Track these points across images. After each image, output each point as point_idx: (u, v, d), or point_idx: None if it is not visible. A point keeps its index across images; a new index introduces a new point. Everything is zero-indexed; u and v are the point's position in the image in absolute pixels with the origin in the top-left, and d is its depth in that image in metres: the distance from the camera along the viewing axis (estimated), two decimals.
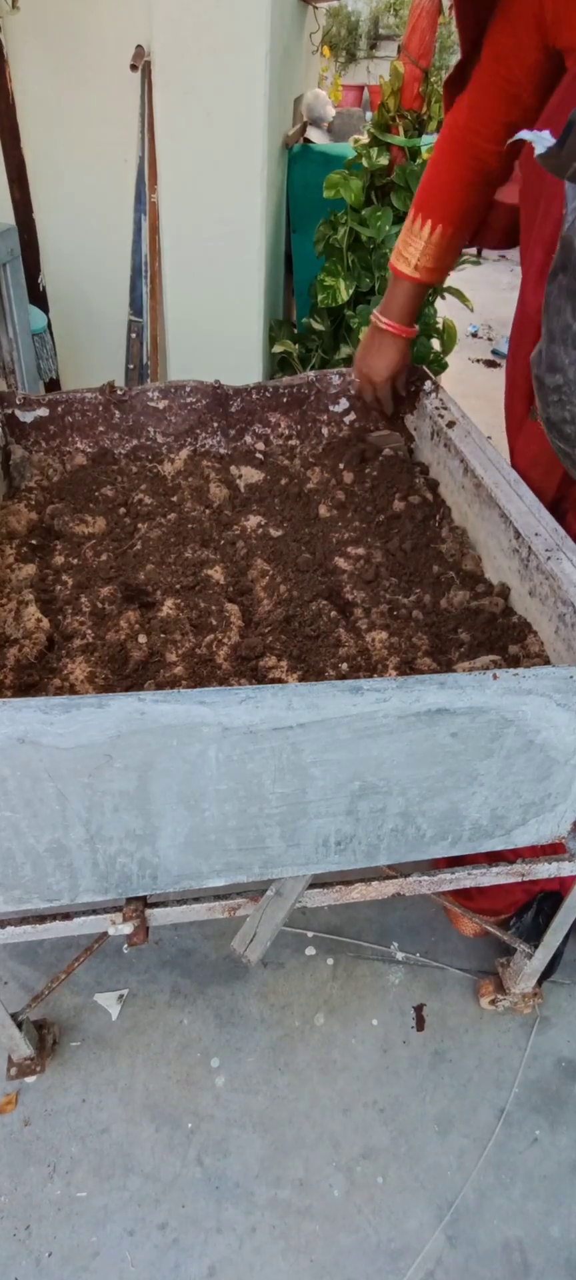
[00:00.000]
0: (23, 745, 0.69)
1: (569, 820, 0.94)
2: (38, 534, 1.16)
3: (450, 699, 0.75)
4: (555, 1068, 1.33)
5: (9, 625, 0.96)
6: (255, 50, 2.11)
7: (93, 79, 2.25)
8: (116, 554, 1.13)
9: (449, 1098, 1.28)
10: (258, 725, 0.73)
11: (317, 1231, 1.12)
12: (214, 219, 2.35)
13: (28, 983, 1.39)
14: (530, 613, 1.02)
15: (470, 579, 1.13)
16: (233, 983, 1.41)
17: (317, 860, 0.89)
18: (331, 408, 1.43)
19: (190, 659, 0.93)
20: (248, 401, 1.38)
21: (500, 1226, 1.14)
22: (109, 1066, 1.28)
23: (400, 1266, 1.10)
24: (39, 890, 0.84)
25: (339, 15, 7.09)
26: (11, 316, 2.11)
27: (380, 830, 0.87)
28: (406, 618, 1.04)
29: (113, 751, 0.72)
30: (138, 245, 2.45)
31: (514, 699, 0.77)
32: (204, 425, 1.38)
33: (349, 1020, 1.37)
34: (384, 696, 0.73)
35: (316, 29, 3.38)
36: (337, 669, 0.93)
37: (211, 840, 0.83)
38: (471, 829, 0.91)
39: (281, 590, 1.06)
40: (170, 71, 2.17)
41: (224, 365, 2.07)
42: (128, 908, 0.95)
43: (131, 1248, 1.09)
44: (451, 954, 1.48)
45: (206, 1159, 1.19)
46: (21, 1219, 1.11)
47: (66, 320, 2.62)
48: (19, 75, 2.25)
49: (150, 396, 1.34)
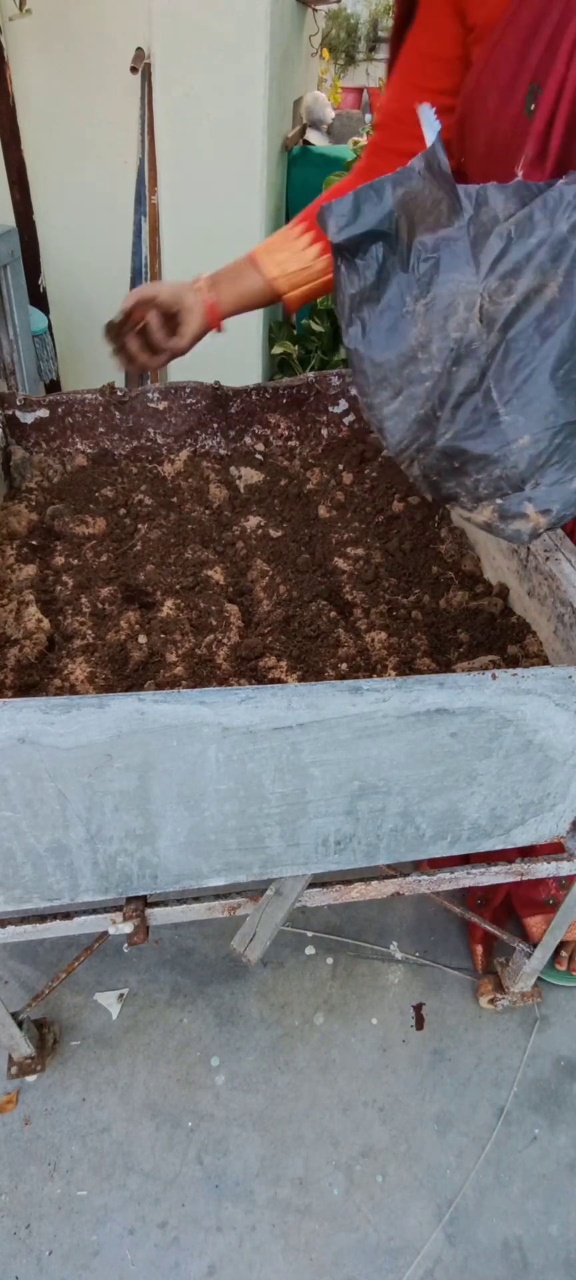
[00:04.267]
0: (23, 745, 0.70)
1: (567, 820, 0.94)
2: (38, 534, 1.16)
3: (449, 699, 0.76)
4: (554, 1067, 1.33)
5: (9, 625, 0.96)
6: (255, 53, 2.11)
7: (93, 81, 2.26)
8: (116, 554, 1.13)
9: (448, 1096, 1.28)
10: (257, 725, 0.73)
11: (317, 1230, 1.13)
12: (214, 221, 2.36)
13: (28, 982, 1.39)
14: (529, 613, 1.03)
15: (469, 579, 1.13)
16: (232, 982, 1.41)
17: (317, 860, 0.90)
18: (331, 409, 1.43)
19: (190, 659, 0.93)
20: (247, 402, 1.39)
21: (499, 1225, 1.14)
22: (109, 1065, 1.28)
23: (399, 1265, 1.10)
24: (39, 890, 0.84)
25: (338, 18, 7.08)
26: (12, 318, 2.11)
27: (379, 830, 0.88)
28: (405, 618, 1.04)
29: (113, 751, 0.72)
30: (138, 247, 2.46)
31: (512, 699, 0.77)
32: (204, 426, 1.38)
33: (348, 1019, 1.37)
34: (383, 696, 0.74)
35: (315, 31, 3.39)
36: (337, 669, 0.93)
37: (211, 840, 0.84)
38: (470, 829, 0.91)
39: (281, 591, 1.06)
40: (170, 74, 2.17)
41: (223, 366, 2.07)
42: (128, 907, 0.95)
43: (131, 1246, 1.10)
44: (451, 954, 1.48)
45: (206, 1158, 1.19)
46: (22, 1218, 1.11)
47: (67, 321, 2.62)
48: (19, 77, 2.25)
49: (150, 398, 1.34)
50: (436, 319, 0.69)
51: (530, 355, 0.66)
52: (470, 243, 0.66)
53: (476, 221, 0.66)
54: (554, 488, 0.69)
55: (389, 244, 0.71)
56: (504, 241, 0.64)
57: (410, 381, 0.72)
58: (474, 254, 0.66)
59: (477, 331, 0.67)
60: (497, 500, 0.73)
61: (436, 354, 0.69)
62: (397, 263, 0.71)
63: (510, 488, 0.71)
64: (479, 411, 0.70)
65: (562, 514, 0.71)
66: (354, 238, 0.70)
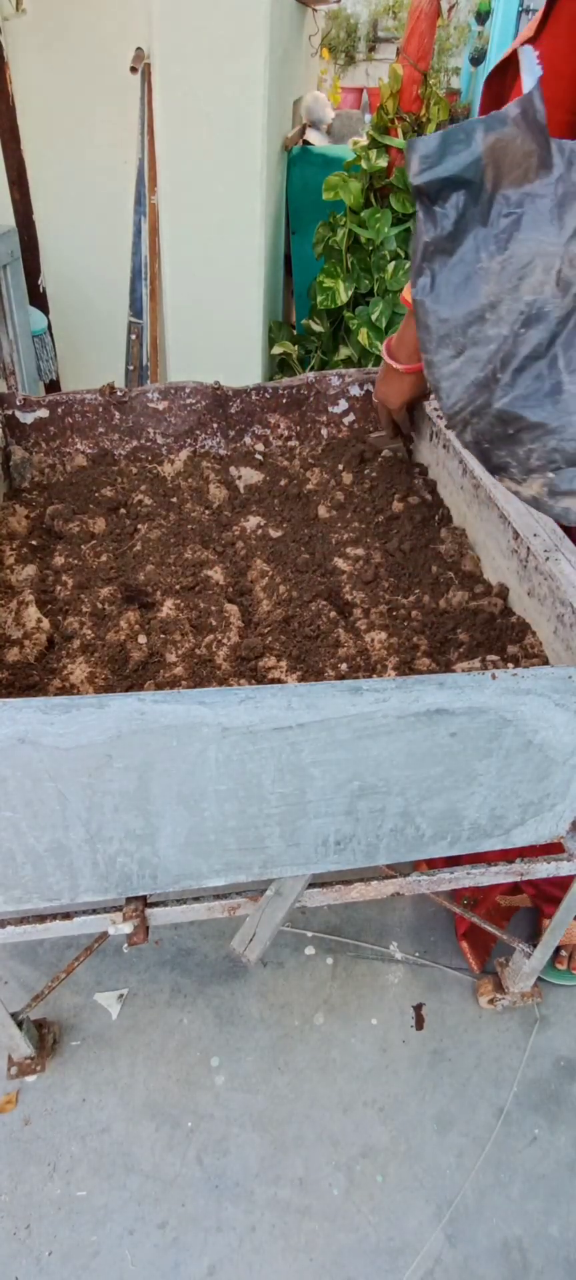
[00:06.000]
0: (23, 745, 0.70)
1: (567, 820, 0.94)
2: (38, 535, 1.16)
3: (449, 699, 0.76)
4: (554, 1067, 1.33)
5: (9, 625, 0.96)
6: (254, 53, 2.11)
7: (93, 81, 2.26)
8: (116, 555, 1.13)
9: (448, 1097, 1.28)
10: (257, 725, 0.73)
11: (317, 1230, 1.13)
12: (213, 221, 2.36)
13: (28, 982, 1.39)
14: (528, 613, 1.02)
15: (469, 579, 1.13)
16: (232, 982, 1.41)
17: (317, 860, 0.90)
18: (330, 409, 1.43)
19: (190, 659, 0.93)
20: (247, 403, 1.39)
21: (499, 1225, 1.14)
22: (109, 1066, 1.28)
23: (399, 1265, 1.10)
24: (39, 890, 0.84)
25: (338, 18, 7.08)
26: (12, 318, 2.11)
27: (379, 830, 0.88)
28: (405, 618, 1.04)
29: (113, 751, 0.72)
30: (137, 247, 2.46)
31: (512, 699, 0.77)
32: (203, 426, 1.38)
33: (348, 1020, 1.37)
34: (383, 697, 0.74)
35: (315, 31, 3.39)
36: (337, 669, 0.93)
37: (211, 840, 0.83)
38: (470, 829, 0.91)
39: (281, 591, 1.06)
40: (170, 74, 2.17)
41: (223, 366, 2.07)
42: (128, 907, 0.95)
43: (131, 1246, 1.10)
44: (451, 954, 1.48)
45: (206, 1158, 1.19)
46: (22, 1218, 1.11)
47: (66, 322, 2.62)
48: (19, 77, 2.25)
49: (150, 398, 1.34)
50: (510, 279, 0.66)
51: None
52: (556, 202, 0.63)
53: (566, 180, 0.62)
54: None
55: (471, 193, 0.67)
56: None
57: (475, 342, 0.69)
58: (559, 214, 0.63)
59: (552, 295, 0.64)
60: (549, 474, 0.70)
61: (506, 315, 0.66)
62: (478, 215, 0.67)
63: (564, 461, 0.69)
64: (542, 379, 0.67)
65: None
66: (436, 180, 0.67)
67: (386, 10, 7.44)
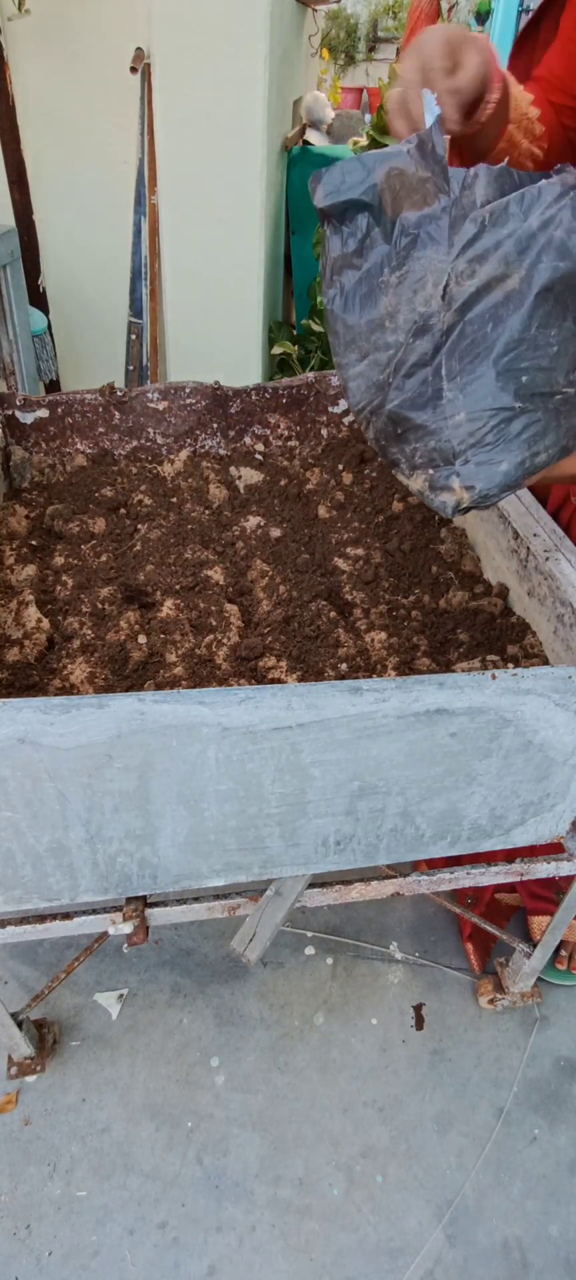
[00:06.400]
0: (23, 745, 0.70)
1: (567, 820, 0.94)
2: (38, 535, 1.16)
3: (449, 699, 0.76)
4: (554, 1067, 1.33)
5: (9, 625, 0.96)
6: (254, 53, 2.11)
7: (93, 81, 2.26)
8: (116, 555, 1.13)
9: (448, 1097, 1.28)
10: (257, 725, 0.73)
11: (317, 1230, 1.13)
12: (213, 221, 2.36)
13: (28, 982, 1.39)
14: (528, 613, 1.02)
15: (469, 579, 1.13)
16: (232, 982, 1.41)
17: (317, 860, 0.90)
18: (330, 409, 1.43)
19: (190, 659, 0.93)
20: (247, 403, 1.39)
21: (499, 1225, 1.14)
22: (109, 1066, 1.28)
23: (399, 1265, 1.10)
24: (39, 890, 0.84)
25: (338, 18, 7.09)
26: (12, 318, 2.11)
27: (379, 830, 0.88)
28: (405, 618, 1.04)
29: (113, 751, 0.72)
30: (137, 247, 2.46)
31: (512, 699, 0.77)
32: (203, 426, 1.38)
33: (348, 1020, 1.37)
34: (383, 697, 0.74)
35: (315, 31, 3.39)
36: (337, 669, 0.93)
37: (211, 840, 0.83)
38: (470, 829, 0.91)
39: (281, 591, 1.06)
40: (170, 74, 2.17)
41: (223, 366, 2.07)
42: (128, 907, 0.95)
43: (131, 1246, 1.10)
44: (450, 954, 1.48)
45: (206, 1158, 1.19)
46: (22, 1218, 1.11)
47: (66, 322, 2.62)
48: (19, 77, 2.25)
49: (150, 398, 1.34)
50: (407, 291, 0.73)
51: (480, 339, 0.69)
52: (449, 224, 0.69)
53: (458, 204, 0.69)
54: (480, 468, 0.72)
55: (374, 216, 0.75)
56: (477, 227, 0.68)
57: (376, 347, 0.76)
58: (450, 235, 0.69)
59: (439, 308, 0.70)
60: (430, 470, 0.76)
61: (402, 324, 0.73)
62: (381, 235, 0.75)
63: (441, 460, 0.74)
64: (426, 384, 0.73)
65: (485, 493, 0.73)
66: (337, 204, 0.76)
67: (386, 10, 7.44)
